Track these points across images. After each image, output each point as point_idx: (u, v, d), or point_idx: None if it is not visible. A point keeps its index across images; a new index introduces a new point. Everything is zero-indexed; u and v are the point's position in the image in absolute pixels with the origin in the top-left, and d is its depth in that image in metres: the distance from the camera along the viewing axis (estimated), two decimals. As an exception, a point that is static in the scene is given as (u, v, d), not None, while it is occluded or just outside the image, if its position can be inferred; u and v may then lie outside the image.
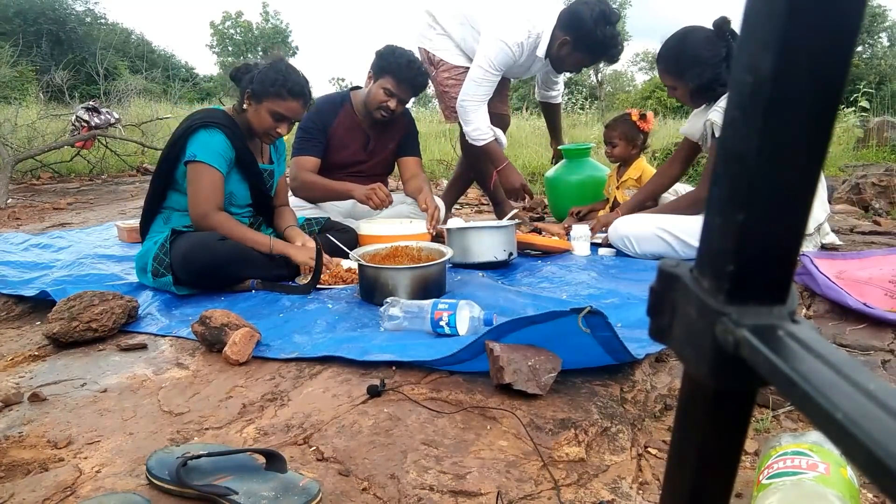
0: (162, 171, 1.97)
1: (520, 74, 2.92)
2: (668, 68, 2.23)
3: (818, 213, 2.23)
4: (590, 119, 9.64)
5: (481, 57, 2.61)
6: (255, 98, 1.94)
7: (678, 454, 0.33)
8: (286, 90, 1.92)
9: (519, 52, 2.61)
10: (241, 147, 1.97)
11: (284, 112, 1.94)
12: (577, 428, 1.06)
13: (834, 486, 0.78)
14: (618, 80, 31.48)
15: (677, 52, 2.19)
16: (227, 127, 1.93)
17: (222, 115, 1.97)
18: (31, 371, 1.38)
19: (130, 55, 17.64)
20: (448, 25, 2.78)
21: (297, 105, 1.96)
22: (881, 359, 1.39)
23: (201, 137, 1.90)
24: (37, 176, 5.47)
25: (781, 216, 0.25)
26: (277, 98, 1.92)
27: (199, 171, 1.88)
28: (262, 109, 1.94)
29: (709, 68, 2.12)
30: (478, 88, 2.64)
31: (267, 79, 1.91)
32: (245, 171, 2.01)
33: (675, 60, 2.20)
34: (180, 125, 1.98)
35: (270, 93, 1.91)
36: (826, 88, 0.23)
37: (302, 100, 1.97)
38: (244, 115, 1.98)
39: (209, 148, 1.89)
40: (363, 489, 0.91)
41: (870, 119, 6.87)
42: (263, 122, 1.95)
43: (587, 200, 3.06)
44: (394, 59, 2.44)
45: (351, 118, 2.59)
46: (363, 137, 2.63)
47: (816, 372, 0.22)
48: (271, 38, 33.32)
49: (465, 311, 1.48)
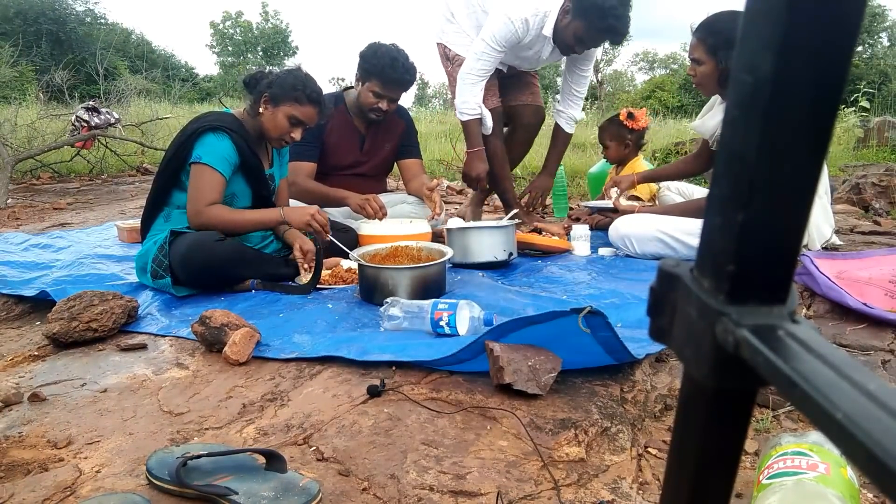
0: (167, 171, 1.98)
1: (532, 61, 2.81)
2: (704, 38, 2.08)
3: (824, 229, 2.18)
4: (590, 119, 9.64)
5: (485, 31, 2.55)
6: (273, 101, 1.95)
7: (678, 454, 0.33)
8: (305, 95, 1.94)
9: (523, 28, 2.51)
10: (248, 152, 1.97)
11: (301, 117, 1.96)
12: (577, 428, 1.06)
13: (834, 486, 0.78)
14: (618, 80, 31.48)
15: (722, 27, 2.04)
16: (234, 132, 1.94)
17: (232, 119, 1.98)
18: (31, 371, 1.38)
19: (130, 55, 17.65)
20: (464, 21, 2.74)
21: (314, 111, 1.99)
22: (881, 359, 1.39)
23: (209, 140, 1.91)
24: (37, 176, 5.47)
25: (781, 216, 0.25)
26: (296, 103, 1.94)
27: (202, 172, 1.89)
28: (279, 113, 1.95)
29: None
30: (476, 63, 2.57)
31: (286, 83, 1.94)
32: (249, 175, 2.02)
33: (715, 34, 2.05)
34: (189, 126, 1.99)
35: (289, 97, 1.93)
36: (826, 88, 0.23)
37: (319, 107, 1.99)
38: (256, 119, 1.99)
39: (215, 151, 1.90)
40: (363, 489, 0.91)
41: (870, 119, 6.87)
42: (279, 125, 1.96)
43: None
44: (377, 60, 2.41)
45: (345, 119, 2.58)
46: (358, 138, 2.62)
47: (816, 372, 0.22)
48: (271, 38, 33.33)
49: (465, 311, 1.48)
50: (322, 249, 1.92)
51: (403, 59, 2.45)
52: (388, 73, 2.42)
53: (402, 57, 2.45)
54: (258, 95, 1.97)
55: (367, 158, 2.67)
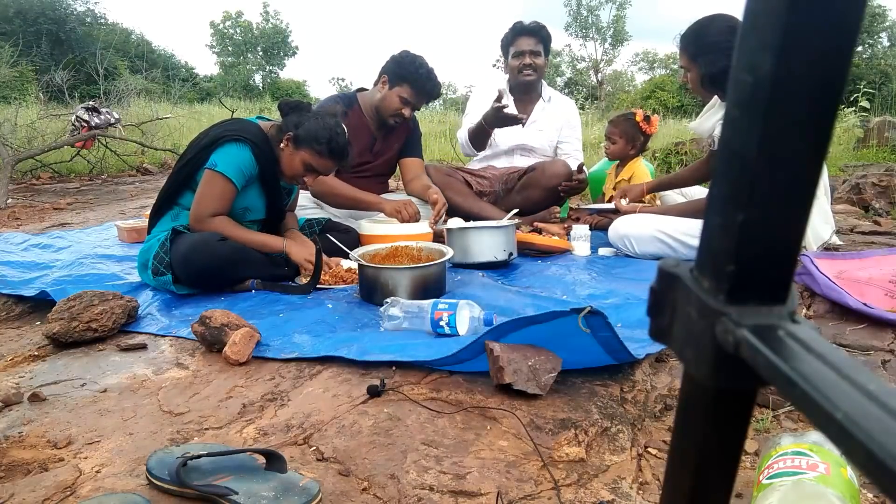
0: (183, 171, 1.97)
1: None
2: (686, 48, 2.18)
3: (822, 230, 2.19)
4: (590, 119, 9.64)
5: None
6: (295, 143, 1.94)
7: (678, 454, 0.33)
8: (328, 150, 1.93)
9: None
10: (267, 165, 1.97)
11: (317, 167, 1.96)
12: (577, 428, 1.06)
13: (834, 486, 0.78)
14: (618, 80, 31.51)
15: (697, 34, 2.13)
16: (256, 144, 1.93)
17: (256, 131, 1.97)
18: (31, 371, 1.38)
19: (130, 55, 17.63)
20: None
21: (333, 165, 1.99)
22: (881, 359, 1.39)
23: (229, 149, 1.90)
24: (37, 176, 5.47)
25: (781, 216, 0.25)
26: (317, 154, 1.93)
27: (214, 179, 1.89)
28: (297, 157, 1.95)
29: (723, 58, 2.08)
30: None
31: (313, 131, 1.92)
32: (266, 187, 2.02)
33: (693, 41, 2.15)
34: (213, 130, 1.98)
35: (312, 146, 1.92)
36: (826, 88, 0.23)
37: (339, 161, 1.99)
38: (276, 148, 1.98)
39: (232, 161, 1.89)
40: (363, 489, 0.91)
41: (870, 119, 6.87)
42: (295, 168, 1.97)
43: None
44: (414, 69, 2.46)
45: (359, 120, 2.60)
46: (370, 139, 2.63)
47: (816, 372, 0.22)
48: (271, 38, 33.33)
49: (465, 311, 1.48)
50: (322, 249, 1.92)
51: (435, 74, 2.53)
52: (423, 84, 2.48)
53: (434, 72, 2.53)
54: (285, 128, 1.96)
55: (375, 159, 2.68)
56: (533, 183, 2.91)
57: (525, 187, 2.94)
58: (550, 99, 3.18)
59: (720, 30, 2.09)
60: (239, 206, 1.97)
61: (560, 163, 2.90)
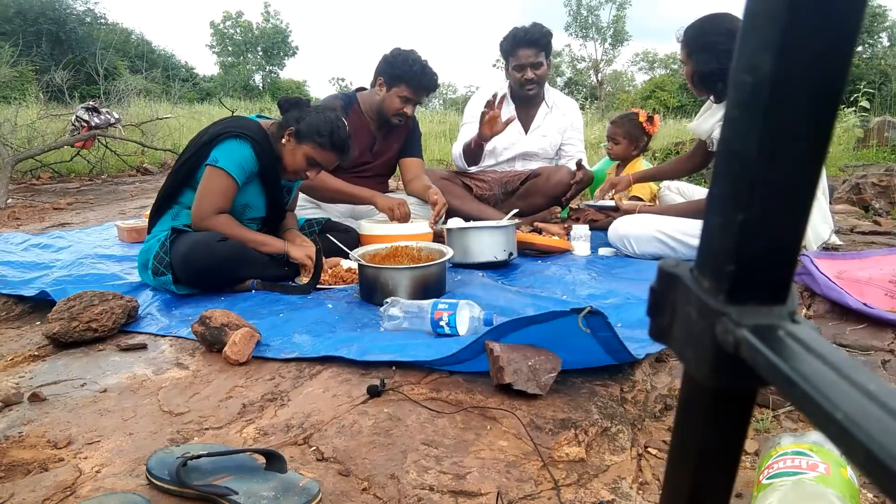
0: (183, 169, 1.97)
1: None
2: (685, 41, 2.19)
3: (821, 230, 2.19)
4: (590, 119, 9.64)
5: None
6: (297, 137, 1.94)
7: (678, 454, 0.33)
8: (330, 142, 1.94)
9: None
10: (267, 162, 1.97)
11: (320, 160, 1.97)
12: (577, 428, 1.06)
13: (834, 486, 0.78)
14: (618, 80, 31.51)
15: (698, 30, 2.14)
16: (256, 141, 1.93)
17: (257, 128, 1.97)
18: (31, 371, 1.38)
19: (130, 55, 17.65)
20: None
21: (335, 158, 1.99)
22: (881, 359, 1.39)
23: (229, 145, 1.90)
24: (37, 176, 5.47)
25: (781, 216, 0.25)
26: (319, 147, 1.94)
27: (215, 175, 1.89)
28: (299, 151, 1.95)
29: (714, 59, 2.08)
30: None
31: (315, 125, 1.92)
32: (266, 184, 2.02)
33: (693, 37, 2.15)
34: (212, 128, 1.98)
35: (314, 140, 1.93)
36: (826, 88, 0.23)
37: (341, 154, 1.99)
38: (277, 144, 1.98)
39: (233, 157, 1.89)
40: (363, 489, 0.91)
41: (870, 119, 6.87)
42: (297, 163, 1.97)
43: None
44: (408, 66, 2.45)
45: (359, 120, 2.59)
46: (370, 139, 2.63)
47: (816, 372, 0.22)
48: (271, 38, 33.32)
49: (465, 311, 1.48)
50: (322, 249, 1.92)
51: (430, 67, 2.53)
52: (419, 80, 2.47)
53: (428, 65, 2.52)
54: (286, 124, 1.96)
55: (374, 159, 2.68)
56: (537, 190, 2.89)
57: (529, 194, 2.92)
58: (554, 106, 3.13)
59: (720, 31, 2.09)
60: (239, 203, 1.97)
61: (565, 170, 2.87)
